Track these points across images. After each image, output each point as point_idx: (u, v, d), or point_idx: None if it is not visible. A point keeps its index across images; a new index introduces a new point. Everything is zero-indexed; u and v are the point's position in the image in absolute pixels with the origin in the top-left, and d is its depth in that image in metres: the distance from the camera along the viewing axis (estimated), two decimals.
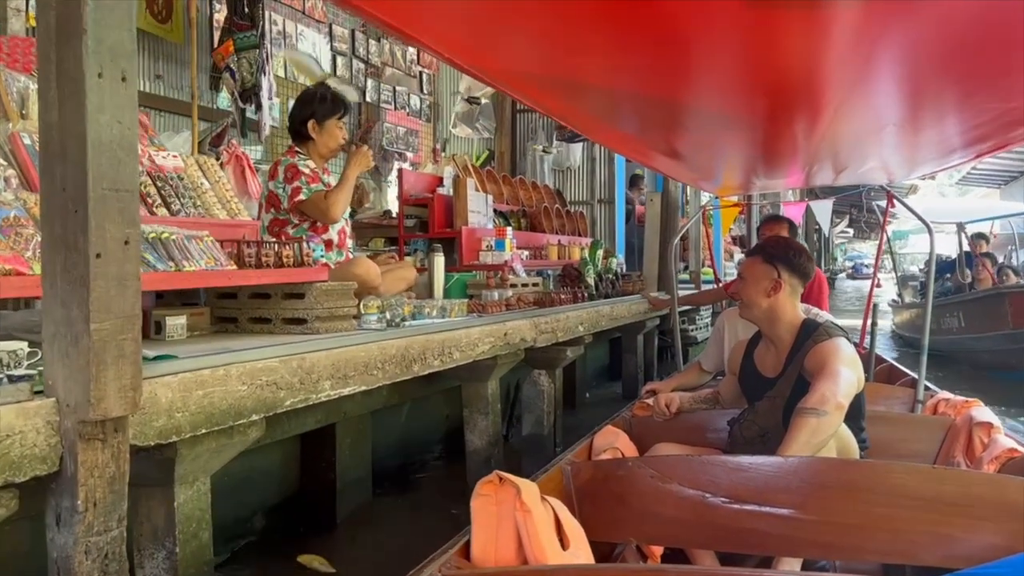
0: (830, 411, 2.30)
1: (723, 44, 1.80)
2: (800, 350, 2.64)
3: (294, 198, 3.50)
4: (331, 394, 2.46)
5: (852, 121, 2.67)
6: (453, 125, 8.10)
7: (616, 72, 2.09)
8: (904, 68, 2.02)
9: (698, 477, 2.23)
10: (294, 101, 3.83)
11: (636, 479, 2.29)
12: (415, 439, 4.29)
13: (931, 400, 3.50)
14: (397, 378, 2.81)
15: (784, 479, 2.16)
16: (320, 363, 2.41)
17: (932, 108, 2.54)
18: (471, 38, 1.85)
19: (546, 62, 2.03)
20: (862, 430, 2.71)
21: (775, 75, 2.04)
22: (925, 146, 3.32)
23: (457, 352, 3.24)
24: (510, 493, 1.75)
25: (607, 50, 1.87)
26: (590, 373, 6.86)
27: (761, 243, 3.04)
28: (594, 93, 2.38)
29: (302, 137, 3.67)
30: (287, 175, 3.54)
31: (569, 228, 7.03)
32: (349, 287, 3.04)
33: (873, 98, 2.31)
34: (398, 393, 3.61)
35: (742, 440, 2.70)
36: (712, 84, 2.24)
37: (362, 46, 6.68)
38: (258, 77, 4.47)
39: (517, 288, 4.66)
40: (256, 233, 3.12)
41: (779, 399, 2.63)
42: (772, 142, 3.14)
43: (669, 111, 2.60)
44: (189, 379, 1.98)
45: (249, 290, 2.95)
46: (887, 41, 1.72)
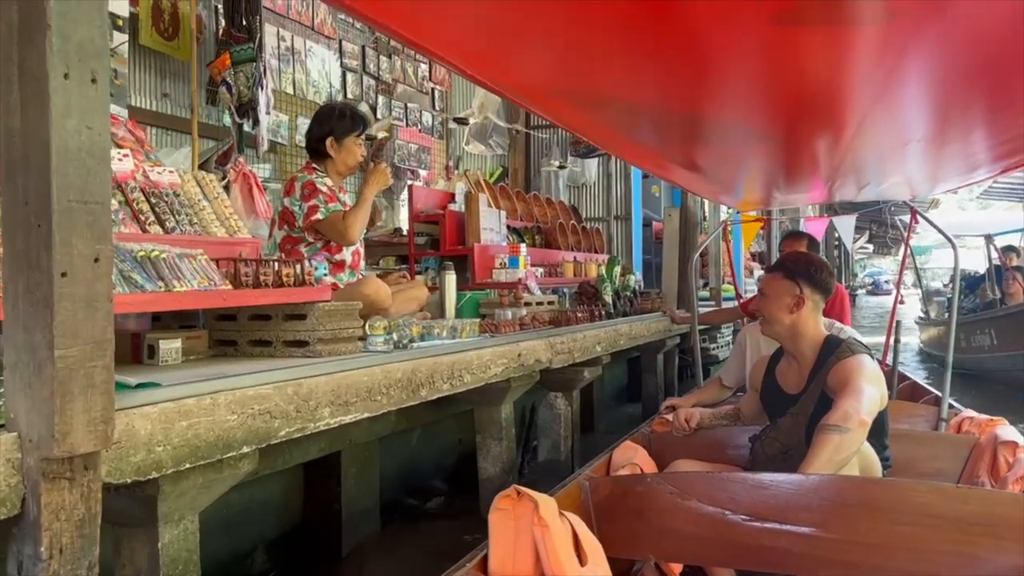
0: (853, 428, 2.27)
1: (745, 58, 1.77)
2: (823, 366, 2.62)
3: (310, 216, 3.38)
4: (331, 422, 2.28)
5: (876, 136, 2.64)
6: (466, 142, 7.97)
7: (636, 86, 2.06)
8: (929, 83, 2.00)
9: (718, 494, 2.20)
10: (312, 118, 3.70)
11: (655, 495, 2.27)
12: (426, 466, 4.11)
13: (955, 418, 3.46)
14: (403, 403, 2.64)
15: (805, 497, 2.14)
16: (319, 389, 2.24)
17: (957, 123, 2.49)
18: (487, 50, 1.81)
19: (565, 75, 1.99)
20: (885, 448, 2.67)
21: (798, 89, 2.02)
22: (950, 161, 3.27)
23: (468, 375, 3.06)
24: (528, 508, 1.76)
25: (627, 64, 1.84)
26: (607, 394, 6.66)
27: (781, 259, 2.99)
28: (614, 106, 2.34)
29: (319, 154, 3.56)
30: (304, 192, 3.42)
31: (585, 245, 6.86)
32: (353, 307, 2.88)
33: (897, 113, 2.27)
34: (407, 418, 3.43)
35: (764, 457, 2.67)
36: (734, 98, 2.21)
37: (372, 62, 6.57)
38: (255, 91, 4.34)
39: (532, 307, 4.48)
40: (256, 251, 2.97)
41: (801, 416, 2.61)
42: (794, 156, 3.10)
43: (690, 124, 2.57)
44: (171, 409, 1.81)
45: (249, 311, 2.80)
46: (912, 56, 1.70)
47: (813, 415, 2.53)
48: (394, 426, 3.44)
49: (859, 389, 2.40)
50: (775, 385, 2.85)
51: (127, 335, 2.69)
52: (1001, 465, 2.73)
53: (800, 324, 2.72)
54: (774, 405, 2.82)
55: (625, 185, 8.69)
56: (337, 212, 3.38)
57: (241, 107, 4.45)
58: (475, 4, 1.51)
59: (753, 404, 3.02)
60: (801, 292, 2.71)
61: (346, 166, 3.59)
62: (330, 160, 3.56)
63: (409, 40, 1.71)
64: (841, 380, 2.48)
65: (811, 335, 2.72)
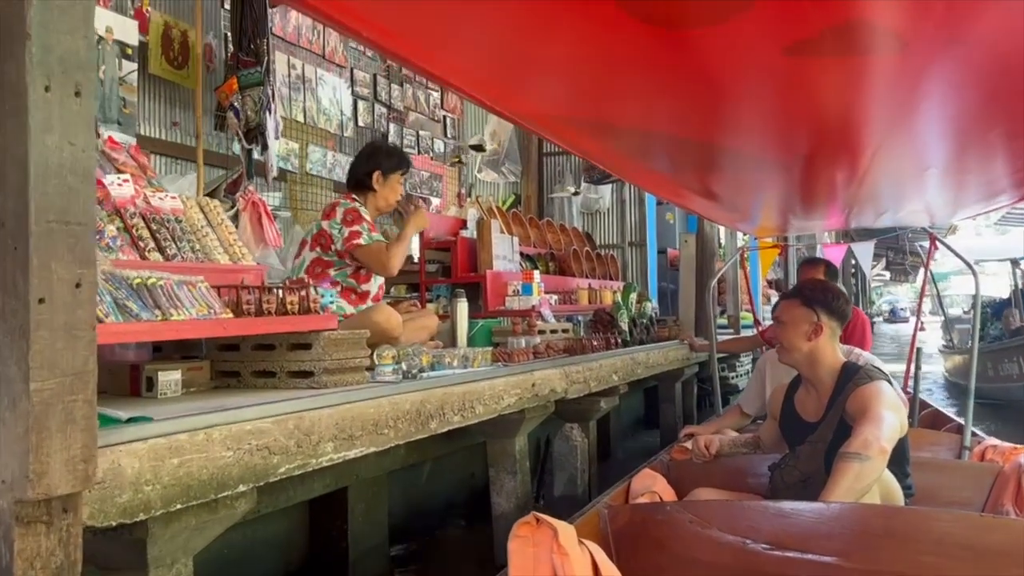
0: (873, 456, 2.26)
1: (760, 88, 1.77)
2: (841, 393, 2.61)
3: (352, 240, 3.38)
4: (334, 458, 2.16)
5: (893, 163, 2.63)
6: (479, 170, 7.91)
7: (652, 115, 2.06)
8: (944, 111, 1.99)
9: (738, 523, 2.18)
10: (359, 153, 3.81)
11: (675, 524, 2.25)
12: (437, 501, 3.96)
13: (978, 446, 3.43)
14: (412, 437, 2.51)
15: (827, 526, 2.11)
16: (321, 422, 2.12)
17: (975, 150, 2.48)
18: (503, 80, 1.80)
19: (580, 104, 1.99)
20: (907, 476, 2.65)
21: (813, 118, 2.02)
22: (969, 188, 3.25)
23: (480, 406, 2.93)
24: (547, 535, 1.76)
25: (643, 93, 1.84)
26: (624, 423, 6.49)
27: (798, 286, 2.98)
28: (629, 134, 2.34)
29: (363, 187, 3.62)
30: (347, 217, 3.43)
31: (600, 272, 6.74)
32: (361, 336, 2.77)
33: (914, 141, 2.28)
34: (417, 452, 3.30)
35: (783, 485, 2.65)
36: (749, 127, 2.21)
37: (384, 91, 6.53)
38: (263, 116, 4.27)
39: (546, 335, 4.35)
40: (260, 279, 2.87)
41: (821, 444, 2.59)
42: (810, 184, 3.09)
43: (706, 153, 2.56)
44: (161, 446, 1.69)
45: (252, 341, 2.70)
46: (925, 85, 1.69)
47: (832, 443, 2.50)
48: (403, 460, 3.31)
49: (879, 416, 2.38)
50: (794, 413, 2.83)
51: (126, 367, 2.59)
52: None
53: (818, 351, 2.70)
54: (793, 433, 2.80)
55: (639, 212, 8.58)
56: (380, 242, 3.41)
57: (249, 132, 4.38)
58: (490, 34, 1.51)
59: (772, 432, 3.00)
60: (819, 319, 2.70)
61: (386, 202, 3.65)
62: (371, 194, 3.61)
63: (422, 68, 1.70)
64: (860, 407, 2.46)
65: (829, 362, 2.71)
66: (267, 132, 4.26)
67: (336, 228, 3.42)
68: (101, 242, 2.47)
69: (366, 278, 3.52)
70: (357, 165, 3.68)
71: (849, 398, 2.56)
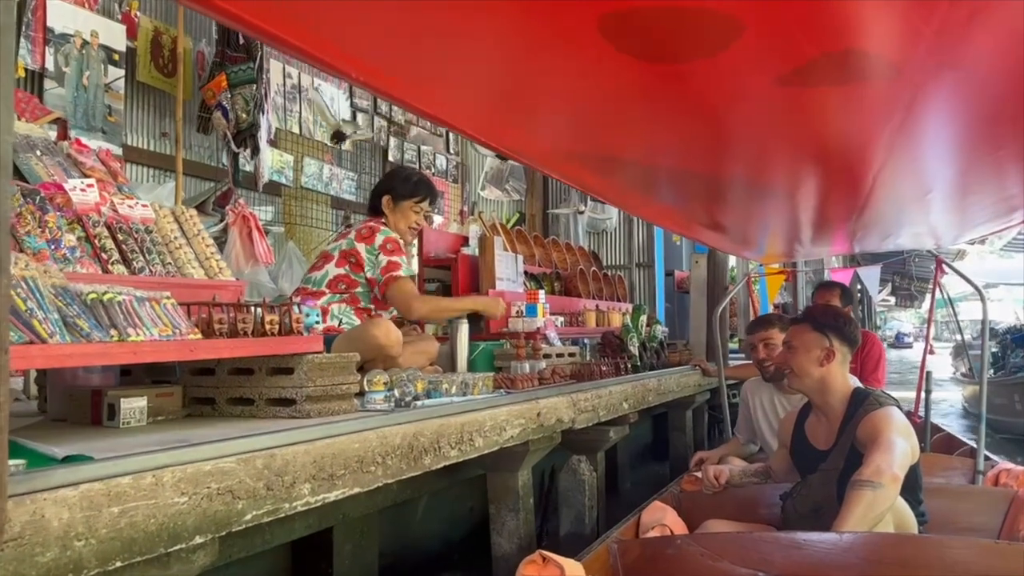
0: (886, 483, 2.24)
1: (757, 118, 1.77)
2: (851, 420, 2.59)
3: (391, 271, 3.22)
4: (311, 501, 1.87)
5: (895, 188, 2.63)
6: (482, 187, 7.67)
7: (652, 148, 2.05)
8: (941, 134, 1.99)
9: (751, 555, 2.15)
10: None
11: (686, 558, 2.22)
12: (433, 539, 3.66)
13: (992, 471, 3.40)
14: (402, 475, 2.23)
15: (841, 556, 2.09)
16: (296, 460, 1.84)
17: (978, 171, 2.46)
18: (500, 119, 1.78)
19: (577, 140, 1.97)
20: (920, 503, 2.63)
21: (811, 146, 2.02)
22: (973, 210, 3.23)
23: (480, 438, 2.65)
24: (555, 574, 1.76)
25: (642, 127, 1.83)
26: (632, 453, 6.17)
27: (808, 311, 2.96)
28: (631, 168, 2.32)
29: (376, 212, 3.47)
30: (387, 246, 3.27)
31: (607, 293, 6.46)
32: (348, 361, 2.49)
33: (914, 165, 2.26)
34: (411, 487, 3.00)
35: (795, 515, 2.63)
36: (749, 157, 2.21)
37: (384, 103, 6.30)
38: (255, 116, 4.00)
39: (551, 359, 4.07)
40: (238, 295, 2.60)
41: (832, 472, 2.57)
42: (814, 211, 3.08)
43: (707, 184, 2.56)
44: (98, 492, 1.42)
45: (229, 364, 2.43)
46: (921, 109, 1.68)
47: (844, 470, 2.48)
48: (396, 496, 3.02)
49: (890, 443, 2.37)
50: (804, 441, 2.81)
51: (88, 392, 2.33)
52: None
53: (829, 377, 2.68)
54: (804, 461, 2.79)
55: (647, 232, 8.33)
56: (411, 282, 3.29)
57: (239, 135, 4.10)
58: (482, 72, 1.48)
59: (783, 461, 2.99)
60: (831, 344, 2.69)
61: (397, 230, 3.42)
62: (384, 219, 3.42)
63: (414, 106, 1.67)
64: (870, 434, 2.45)
65: (839, 388, 2.69)
66: (260, 134, 3.99)
67: (374, 254, 3.25)
68: (58, 252, 2.21)
69: (386, 306, 3.36)
70: (375, 188, 3.57)
71: (859, 425, 2.52)
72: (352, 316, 3.22)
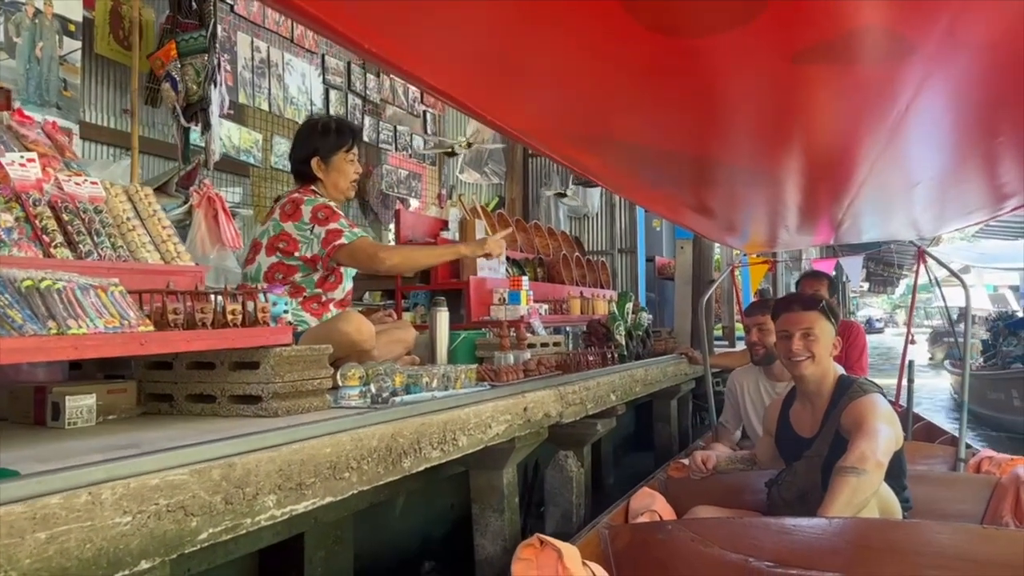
0: (870, 469, 2.27)
1: (766, 97, 1.73)
2: (836, 407, 2.62)
3: (332, 241, 2.89)
4: (276, 515, 1.67)
5: (887, 177, 2.61)
6: (460, 170, 7.44)
7: (650, 128, 2.02)
8: (943, 121, 1.97)
9: (740, 540, 2.18)
10: (293, 139, 3.21)
11: (676, 543, 2.24)
12: (413, 539, 3.47)
13: (973, 458, 3.46)
14: (380, 480, 2.03)
15: (829, 541, 2.12)
16: (259, 469, 1.63)
17: (971, 161, 2.47)
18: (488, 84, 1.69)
19: (574, 115, 1.91)
20: (904, 489, 2.66)
21: (816, 129, 2.00)
22: (964, 199, 3.27)
23: (464, 437, 2.45)
24: (552, 557, 1.75)
25: (642, 105, 1.80)
26: (615, 444, 6.01)
27: (823, 301, 2.87)
28: (623, 148, 2.27)
29: (306, 178, 3.08)
30: (317, 215, 2.93)
31: (591, 279, 6.28)
32: (320, 353, 2.29)
33: (911, 152, 2.26)
34: (389, 487, 2.79)
35: (781, 502, 2.66)
36: (751, 139, 2.18)
37: (359, 80, 6.03)
38: (207, 88, 3.71)
39: (536, 348, 3.88)
40: (195, 283, 2.38)
41: (817, 459, 2.59)
42: (804, 198, 3.08)
43: (699, 166, 2.55)
44: (21, 515, 1.20)
45: (188, 358, 2.22)
46: (934, 92, 1.64)
47: (828, 457, 2.51)
48: (372, 497, 2.81)
49: (874, 429, 2.39)
50: (789, 429, 2.85)
51: (30, 389, 2.11)
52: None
53: (829, 366, 2.73)
54: (789, 449, 2.82)
55: (630, 217, 8.14)
56: (365, 237, 2.97)
57: (189, 108, 3.81)
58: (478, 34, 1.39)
59: (768, 448, 3.01)
60: (836, 335, 2.76)
61: (338, 189, 3.11)
62: (319, 185, 3.08)
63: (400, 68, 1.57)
64: (855, 421, 2.47)
65: (832, 376, 2.72)
66: (211, 108, 3.70)
67: (307, 230, 2.92)
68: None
69: (333, 285, 3.04)
70: (292, 154, 3.12)
71: (844, 412, 2.55)
72: (300, 311, 2.94)
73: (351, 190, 3.17)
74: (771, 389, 3.73)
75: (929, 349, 20.41)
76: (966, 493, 3.01)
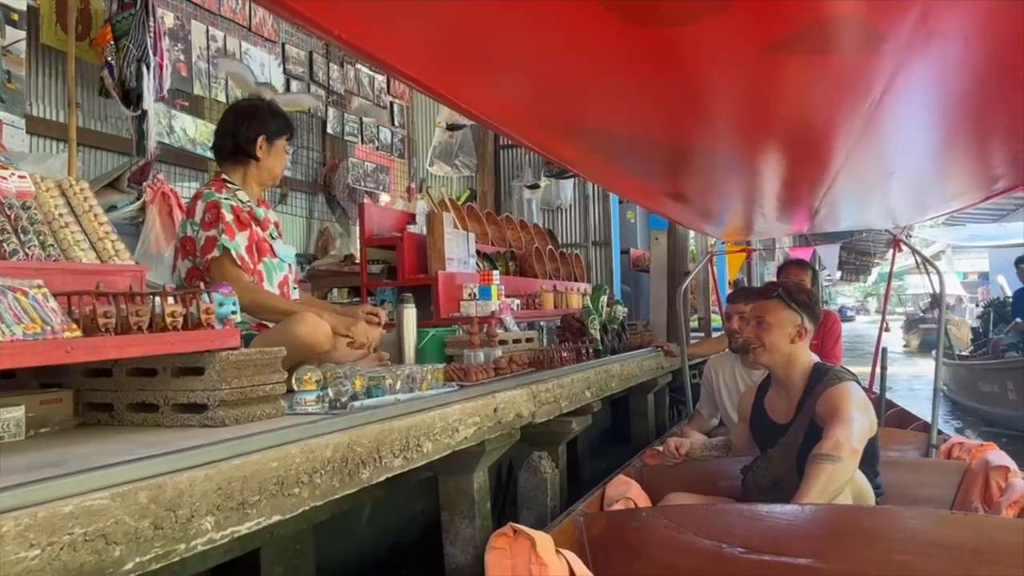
0: (845, 457, 2.29)
1: (741, 87, 1.73)
2: (811, 395, 2.64)
3: (207, 253, 2.68)
4: (215, 538, 1.51)
5: (863, 165, 2.62)
6: (430, 163, 7.26)
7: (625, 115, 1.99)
8: (922, 111, 1.98)
9: (714, 527, 2.20)
10: (232, 116, 2.98)
11: (650, 530, 2.26)
12: (380, 547, 3.31)
13: (945, 444, 3.51)
14: (335, 494, 1.88)
15: (802, 527, 2.15)
16: (194, 489, 1.47)
17: (946, 150, 2.49)
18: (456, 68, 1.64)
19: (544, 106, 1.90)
20: (877, 475, 2.68)
21: (790, 118, 1.99)
22: (935, 189, 3.32)
23: (429, 443, 2.31)
24: (525, 546, 1.75)
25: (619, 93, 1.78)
26: (591, 440, 5.88)
27: (783, 288, 2.90)
28: (599, 135, 2.24)
29: (243, 157, 2.88)
30: (205, 216, 2.71)
31: (564, 272, 6.14)
32: (272, 357, 2.13)
33: (886, 141, 2.26)
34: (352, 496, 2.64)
35: (756, 488, 2.67)
36: (726, 128, 2.17)
37: (322, 70, 5.83)
38: (139, 68, 3.45)
39: (508, 345, 3.74)
40: (135, 281, 2.21)
41: (792, 446, 2.62)
42: (783, 186, 3.07)
43: (676, 155, 2.53)
44: None
45: (128, 364, 2.05)
46: (907, 83, 1.65)
47: (803, 444, 2.53)
48: (335, 507, 2.66)
49: (849, 417, 2.41)
50: (764, 415, 2.87)
51: None
52: (993, 490, 2.74)
53: (796, 354, 2.73)
54: (764, 436, 2.83)
55: (603, 208, 8.01)
56: (228, 262, 2.67)
57: (128, 93, 3.58)
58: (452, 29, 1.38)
59: (743, 435, 3.03)
60: (802, 322, 2.74)
61: (270, 174, 2.94)
62: (253, 166, 2.88)
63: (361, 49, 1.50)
64: (830, 409, 2.49)
65: (803, 364, 2.74)
66: (144, 92, 3.45)
67: (196, 230, 2.71)
68: None
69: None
70: (233, 130, 2.88)
71: (819, 400, 2.57)
72: None
73: (281, 176, 3.03)
74: (747, 377, 3.76)
75: (904, 336, 20.54)
76: (937, 479, 3.05)
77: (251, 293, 2.68)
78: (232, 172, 2.90)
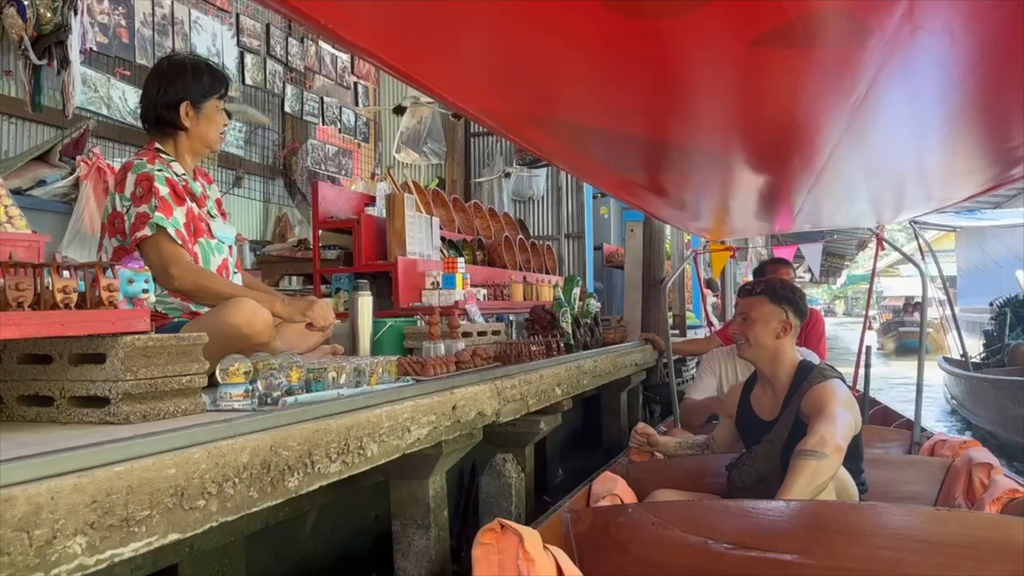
0: (829, 453, 2.32)
1: (727, 80, 1.72)
2: (796, 392, 2.68)
3: (137, 231, 2.37)
4: (87, 563, 1.20)
5: (849, 162, 2.62)
6: (396, 149, 6.93)
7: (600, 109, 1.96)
8: (903, 108, 1.98)
9: (700, 523, 2.23)
10: (150, 77, 2.65)
11: (637, 526, 2.29)
12: (328, 559, 3.00)
13: (928, 441, 3.54)
14: (253, 506, 1.57)
15: (787, 523, 2.18)
16: (58, 503, 1.16)
17: (932, 147, 2.49)
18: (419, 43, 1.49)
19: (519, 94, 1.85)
20: (861, 472, 2.72)
21: (777, 112, 1.98)
22: (920, 187, 3.33)
23: (375, 444, 2.01)
24: (513, 542, 1.77)
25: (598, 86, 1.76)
26: (562, 440, 5.61)
27: (767, 284, 2.99)
28: (574, 129, 2.20)
29: (168, 127, 2.56)
30: (137, 191, 2.40)
31: (535, 264, 5.86)
32: (190, 343, 1.82)
33: (872, 138, 2.26)
34: (291, 503, 2.34)
35: (741, 485, 2.70)
36: (711, 123, 2.17)
37: (280, 44, 5.48)
38: (65, 14, 3.09)
39: (472, 338, 3.45)
40: (32, 254, 1.88)
41: (777, 442, 2.65)
42: (766, 184, 3.05)
43: (657, 150, 2.51)
44: None
45: (19, 349, 1.75)
46: (892, 79, 1.61)
47: (788, 441, 2.56)
48: (270, 516, 2.35)
49: (834, 414, 2.45)
50: (750, 412, 2.90)
51: None
52: (976, 487, 2.78)
53: (782, 349, 2.78)
54: (749, 432, 2.87)
55: (577, 200, 7.74)
56: (164, 239, 2.37)
57: (41, 40, 3.19)
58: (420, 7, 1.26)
59: (728, 431, 3.08)
60: (787, 317, 2.79)
61: (205, 142, 2.62)
62: (183, 135, 2.57)
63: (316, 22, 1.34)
64: (815, 406, 2.53)
65: (789, 360, 2.78)
66: (70, 41, 3.08)
67: (126, 205, 2.41)
68: None
69: None
70: (151, 96, 2.56)
71: (804, 397, 2.61)
72: (167, 296, 2.47)
73: (219, 142, 2.68)
74: (743, 370, 3.82)
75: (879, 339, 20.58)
76: (920, 475, 3.08)
77: (195, 275, 2.39)
78: (163, 142, 2.59)
